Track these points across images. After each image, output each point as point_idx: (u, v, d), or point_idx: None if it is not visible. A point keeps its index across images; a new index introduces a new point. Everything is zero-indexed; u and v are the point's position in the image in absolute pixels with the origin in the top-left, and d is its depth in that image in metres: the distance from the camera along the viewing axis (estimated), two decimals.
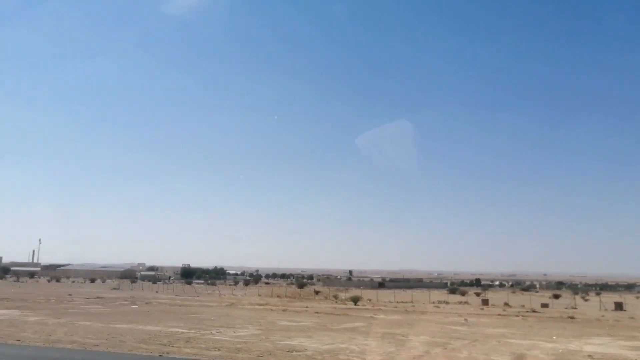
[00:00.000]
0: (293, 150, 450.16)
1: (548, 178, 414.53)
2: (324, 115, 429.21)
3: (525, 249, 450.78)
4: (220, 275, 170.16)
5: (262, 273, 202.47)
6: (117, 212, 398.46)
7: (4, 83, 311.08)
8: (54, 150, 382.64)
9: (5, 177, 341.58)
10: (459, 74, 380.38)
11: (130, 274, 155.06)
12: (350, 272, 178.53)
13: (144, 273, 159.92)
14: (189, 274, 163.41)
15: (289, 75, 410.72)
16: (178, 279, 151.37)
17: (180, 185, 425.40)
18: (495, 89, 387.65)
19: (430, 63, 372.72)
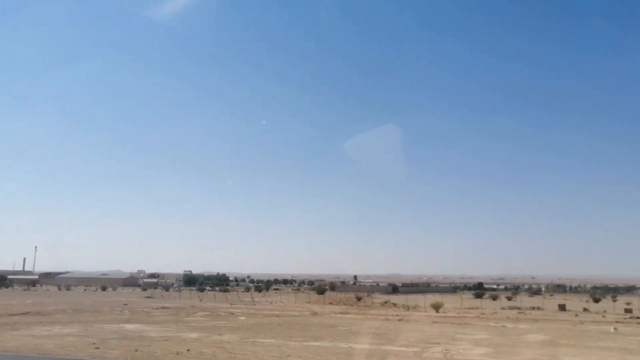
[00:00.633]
0: (280, 154, 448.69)
1: (536, 181, 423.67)
2: (312, 119, 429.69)
3: (512, 253, 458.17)
4: (224, 282, 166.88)
5: (254, 279, 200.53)
6: (102, 219, 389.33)
7: None
8: (36, 157, 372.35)
9: None
10: (448, 77, 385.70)
11: (133, 281, 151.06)
12: (355, 277, 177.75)
13: (146, 280, 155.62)
14: (192, 281, 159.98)
15: (276, 80, 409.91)
16: (181, 286, 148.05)
17: (163, 191, 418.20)
18: (485, 91, 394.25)
19: (419, 67, 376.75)
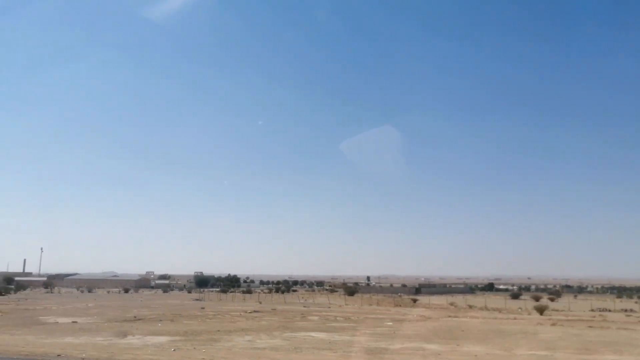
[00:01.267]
0: (277, 155, 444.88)
1: (533, 182, 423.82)
2: (308, 120, 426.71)
3: (507, 253, 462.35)
4: (235, 283, 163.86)
5: (255, 280, 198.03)
6: (99, 220, 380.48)
7: None
8: (33, 157, 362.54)
9: None
10: (446, 78, 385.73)
11: (145, 283, 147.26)
12: (368, 278, 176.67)
13: (158, 282, 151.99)
14: (204, 282, 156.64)
15: (273, 81, 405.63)
16: (193, 287, 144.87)
17: (160, 192, 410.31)
18: (482, 92, 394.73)
19: (417, 68, 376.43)
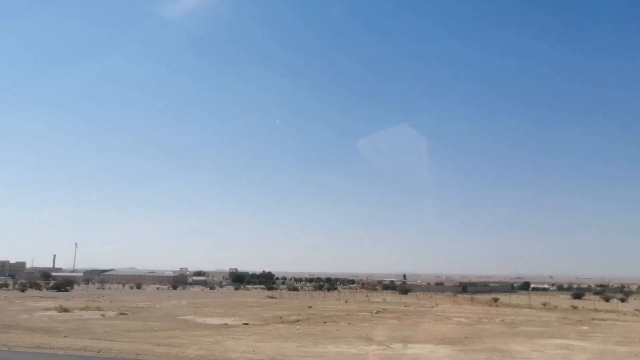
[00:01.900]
0: (295, 153, 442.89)
1: (551, 181, 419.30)
2: (326, 119, 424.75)
3: (528, 252, 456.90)
4: (269, 280, 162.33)
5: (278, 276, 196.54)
6: (124, 216, 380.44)
7: (5, 87, 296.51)
8: (51, 154, 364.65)
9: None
10: (460, 77, 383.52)
11: (182, 279, 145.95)
12: (404, 276, 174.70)
13: (195, 278, 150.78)
14: (240, 279, 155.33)
15: (290, 79, 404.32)
16: (229, 284, 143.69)
17: (177, 189, 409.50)
18: (496, 91, 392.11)
19: (432, 66, 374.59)
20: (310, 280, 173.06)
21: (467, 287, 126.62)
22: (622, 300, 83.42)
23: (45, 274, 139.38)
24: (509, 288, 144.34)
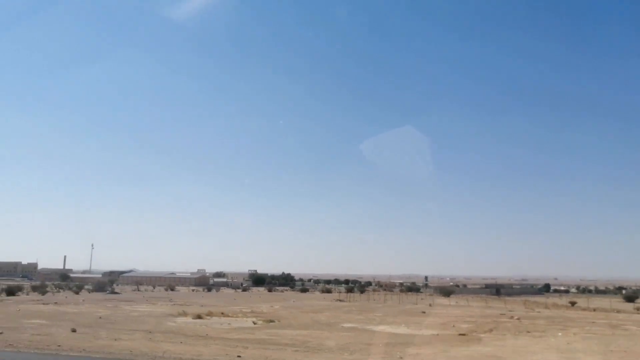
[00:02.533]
0: (298, 155, 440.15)
1: (553, 182, 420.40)
2: (329, 120, 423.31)
3: (530, 253, 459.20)
4: (290, 282, 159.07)
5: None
6: (119, 218, 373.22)
7: (8, 89, 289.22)
8: (51, 156, 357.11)
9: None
10: (464, 79, 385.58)
11: (204, 281, 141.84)
12: (426, 278, 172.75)
13: (217, 280, 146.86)
14: (261, 280, 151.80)
15: (293, 81, 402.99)
16: (250, 286, 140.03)
17: (177, 190, 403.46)
18: (499, 93, 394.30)
19: (436, 68, 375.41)
20: (328, 282, 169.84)
21: (500, 290, 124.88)
22: None
23: (63, 275, 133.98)
24: (536, 290, 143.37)
